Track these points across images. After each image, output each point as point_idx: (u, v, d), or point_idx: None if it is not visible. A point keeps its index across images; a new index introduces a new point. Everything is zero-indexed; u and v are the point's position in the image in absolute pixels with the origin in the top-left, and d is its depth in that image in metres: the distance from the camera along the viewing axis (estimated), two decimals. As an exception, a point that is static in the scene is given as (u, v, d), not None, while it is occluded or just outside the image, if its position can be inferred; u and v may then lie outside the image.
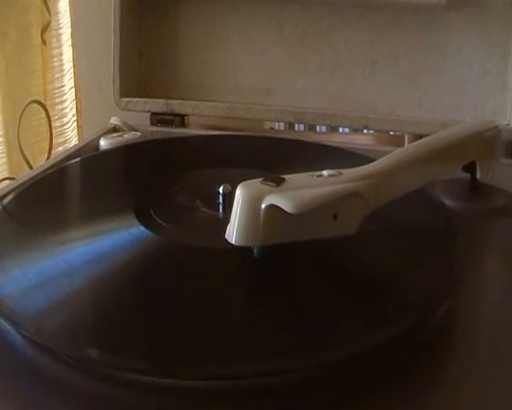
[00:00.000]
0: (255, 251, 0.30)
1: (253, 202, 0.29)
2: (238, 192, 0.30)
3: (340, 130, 0.75)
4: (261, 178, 0.31)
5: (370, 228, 0.32)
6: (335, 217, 0.30)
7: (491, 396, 0.26)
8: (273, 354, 0.26)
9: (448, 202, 0.41)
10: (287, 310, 0.29)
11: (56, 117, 0.77)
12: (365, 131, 0.66)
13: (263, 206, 0.29)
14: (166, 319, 0.28)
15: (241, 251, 0.30)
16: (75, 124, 0.82)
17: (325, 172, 0.32)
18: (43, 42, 0.74)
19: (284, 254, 0.31)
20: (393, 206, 0.34)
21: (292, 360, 0.26)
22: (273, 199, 0.29)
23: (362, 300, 0.30)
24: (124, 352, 0.26)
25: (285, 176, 0.31)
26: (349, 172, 0.32)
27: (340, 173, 0.32)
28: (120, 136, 0.52)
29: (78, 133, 0.81)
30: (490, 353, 0.29)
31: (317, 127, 0.85)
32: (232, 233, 0.30)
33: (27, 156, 0.65)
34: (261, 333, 0.28)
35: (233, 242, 0.30)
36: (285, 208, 0.28)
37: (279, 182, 0.30)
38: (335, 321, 0.28)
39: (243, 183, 0.31)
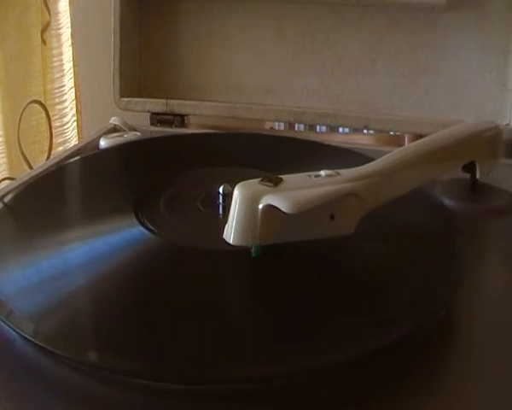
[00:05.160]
0: (253, 251, 0.30)
1: (250, 203, 0.29)
2: (236, 192, 0.30)
3: (340, 130, 0.75)
4: (259, 179, 0.31)
5: (370, 228, 0.32)
6: (332, 217, 0.30)
7: (492, 396, 0.26)
8: (272, 356, 0.26)
9: (448, 202, 0.41)
10: (284, 311, 0.29)
11: (56, 117, 0.77)
12: (365, 131, 0.66)
13: (260, 206, 0.29)
14: (165, 321, 0.28)
15: (238, 251, 0.30)
16: (75, 124, 0.82)
17: (323, 173, 0.32)
18: (43, 42, 0.74)
19: (282, 254, 0.31)
20: (393, 206, 0.34)
21: (291, 362, 0.26)
22: (270, 199, 0.29)
23: (361, 301, 0.30)
24: (121, 354, 0.26)
25: (283, 176, 0.31)
26: (347, 173, 0.32)
27: (338, 174, 0.32)
28: (120, 136, 0.52)
29: (78, 133, 0.82)
30: (490, 353, 0.29)
31: (317, 127, 0.85)
32: (230, 233, 0.30)
33: (27, 156, 0.65)
34: (260, 334, 0.27)
35: (231, 242, 0.30)
36: (282, 209, 0.28)
37: (276, 182, 0.30)
38: (334, 322, 0.28)
39: (241, 183, 0.30)
